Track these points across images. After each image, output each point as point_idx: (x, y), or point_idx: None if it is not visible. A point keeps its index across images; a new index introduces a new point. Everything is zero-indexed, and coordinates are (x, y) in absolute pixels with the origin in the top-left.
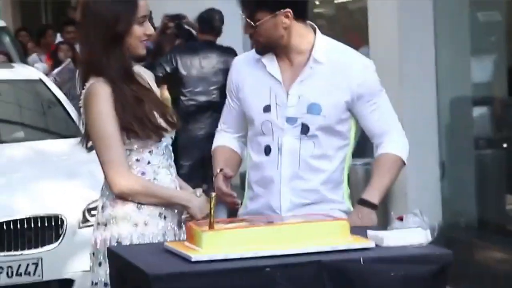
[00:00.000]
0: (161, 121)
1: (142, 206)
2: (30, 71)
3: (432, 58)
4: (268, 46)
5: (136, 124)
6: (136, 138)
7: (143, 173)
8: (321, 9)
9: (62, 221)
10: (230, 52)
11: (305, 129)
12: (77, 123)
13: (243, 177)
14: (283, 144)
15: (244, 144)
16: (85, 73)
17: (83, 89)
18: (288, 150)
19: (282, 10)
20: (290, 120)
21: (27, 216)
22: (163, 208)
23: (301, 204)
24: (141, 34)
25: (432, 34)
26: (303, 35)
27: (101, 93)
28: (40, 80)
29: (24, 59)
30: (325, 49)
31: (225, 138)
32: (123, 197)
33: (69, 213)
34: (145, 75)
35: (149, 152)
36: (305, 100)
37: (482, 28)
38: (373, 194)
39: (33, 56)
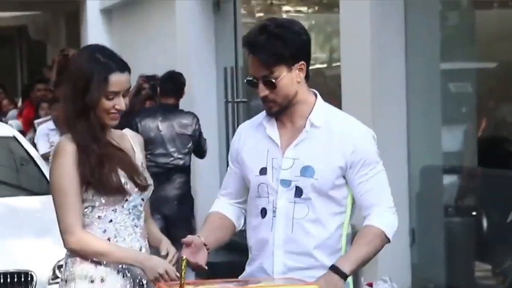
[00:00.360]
0: (126, 182)
1: (100, 262)
2: (4, 128)
3: (403, 127)
4: (285, 105)
5: (95, 182)
6: (98, 195)
7: (104, 231)
8: None
9: (32, 277)
10: (190, 117)
11: (298, 192)
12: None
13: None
14: (277, 206)
15: (241, 210)
16: (62, 128)
17: None
18: (282, 212)
19: (297, 63)
20: (284, 183)
21: None
22: (122, 266)
23: (295, 267)
24: (109, 107)
25: (404, 103)
26: (306, 96)
27: (66, 149)
28: (14, 137)
29: None
30: (324, 113)
31: (221, 204)
32: (75, 253)
33: (39, 270)
34: (133, 138)
35: (113, 210)
36: (299, 163)
37: (453, 99)
38: (345, 263)
39: (12, 112)
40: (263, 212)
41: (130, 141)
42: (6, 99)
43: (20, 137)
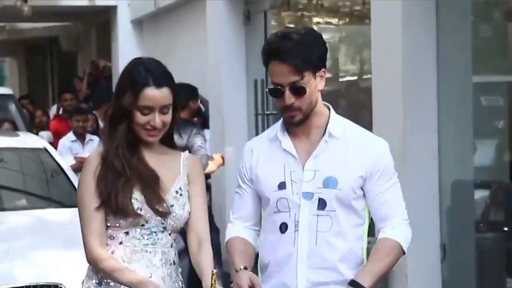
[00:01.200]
0: (140, 207)
1: (102, 284)
2: (35, 139)
3: (435, 140)
4: (308, 113)
5: (106, 200)
6: (110, 215)
7: (113, 252)
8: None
9: None
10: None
11: (322, 204)
12: None
13: None
14: (300, 220)
15: (256, 232)
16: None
17: None
18: (305, 226)
19: (319, 70)
20: (306, 196)
21: (27, 284)
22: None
23: (319, 282)
24: (143, 123)
25: (435, 117)
26: (322, 107)
27: (90, 163)
28: (45, 149)
29: (30, 127)
30: (340, 125)
31: (237, 228)
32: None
33: (69, 282)
34: (185, 161)
35: (125, 233)
36: (320, 174)
37: (485, 112)
38: (364, 278)
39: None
40: (283, 227)
41: (180, 163)
42: (40, 110)
43: (50, 148)
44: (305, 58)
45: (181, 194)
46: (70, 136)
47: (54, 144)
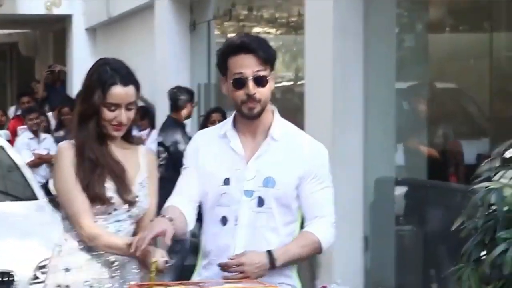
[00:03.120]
0: (112, 196)
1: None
2: None
3: (360, 141)
4: (263, 108)
5: (84, 187)
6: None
7: (79, 241)
8: None
9: (13, 277)
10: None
11: (260, 202)
12: (34, 187)
13: None
14: (239, 215)
15: (194, 210)
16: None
17: None
18: (244, 221)
19: (273, 71)
20: (247, 193)
21: None
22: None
23: None
24: (110, 118)
25: (361, 119)
26: (269, 106)
27: (65, 153)
28: (1, 147)
29: None
30: (283, 128)
31: (179, 200)
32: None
33: (20, 270)
34: (144, 155)
35: (94, 221)
36: (261, 174)
37: (407, 116)
38: (280, 254)
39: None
40: (224, 220)
41: (139, 157)
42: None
43: (7, 146)
44: (268, 52)
45: (143, 186)
46: (27, 134)
47: (11, 143)
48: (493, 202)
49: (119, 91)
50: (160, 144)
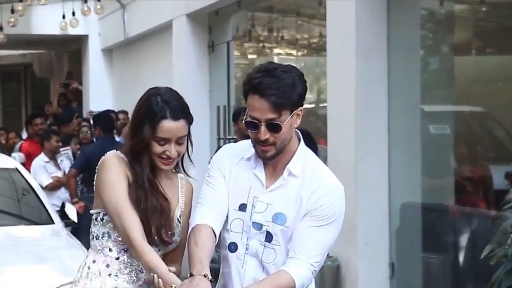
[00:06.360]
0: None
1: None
2: (7, 160)
3: (385, 164)
4: (281, 149)
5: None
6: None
7: (107, 265)
8: None
9: None
10: None
11: (269, 237)
12: (49, 211)
13: None
14: (250, 246)
15: (222, 221)
16: None
17: None
18: (254, 252)
19: (297, 109)
20: (256, 226)
21: None
22: None
23: None
24: (159, 152)
25: (386, 143)
26: (293, 142)
27: (114, 163)
28: (16, 169)
29: (2, 149)
30: (302, 163)
31: (209, 214)
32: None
33: None
34: (183, 185)
35: (124, 249)
36: (272, 208)
37: (433, 139)
38: None
39: (16, 146)
40: (232, 247)
41: (179, 187)
42: (13, 132)
43: (22, 169)
44: (285, 96)
45: (179, 222)
46: (43, 157)
47: (26, 166)
48: None
49: (169, 125)
50: None
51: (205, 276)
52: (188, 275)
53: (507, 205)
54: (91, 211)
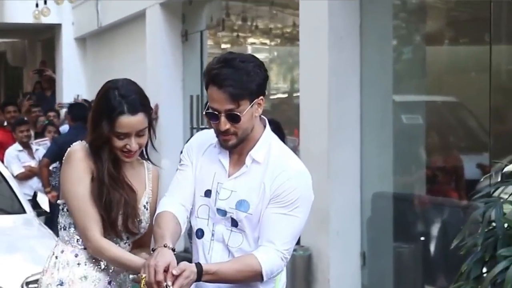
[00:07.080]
0: (119, 223)
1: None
2: None
3: (357, 155)
4: (243, 139)
5: (102, 209)
6: None
7: (76, 255)
8: None
9: None
10: None
11: (234, 222)
12: (21, 200)
13: None
14: (215, 231)
15: (187, 214)
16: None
17: None
18: (220, 238)
19: (257, 98)
20: (220, 212)
21: None
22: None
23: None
24: (120, 146)
25: (358, 133)
26: (257, 130)
27: (78, 157)
28: None
29: None
30: (266, 149)
31: (172, 203)
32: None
33: (7, 285)
34: (150, 172)
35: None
36: (236, 195)
37: (404, 129)
38: (211, 275)
39: None
40: (199, 233)
41: (145, 174)
42: None
43: None
44: (243, 86)
45: (147, 209)
46: (16, 146)
47: None
48: (493, 219)
49: (128, 121)
50: None
51: (165, 246)
52: (151, 251)
53: (478, 194)
54: (58, 201)
